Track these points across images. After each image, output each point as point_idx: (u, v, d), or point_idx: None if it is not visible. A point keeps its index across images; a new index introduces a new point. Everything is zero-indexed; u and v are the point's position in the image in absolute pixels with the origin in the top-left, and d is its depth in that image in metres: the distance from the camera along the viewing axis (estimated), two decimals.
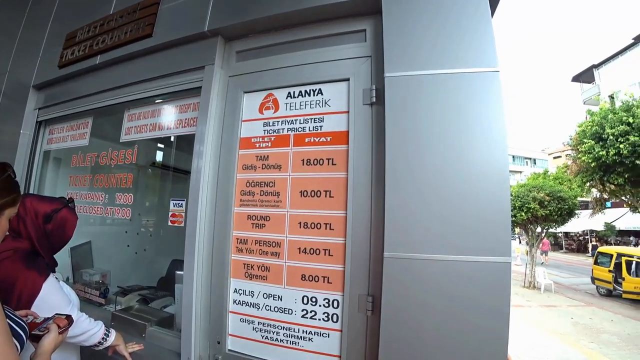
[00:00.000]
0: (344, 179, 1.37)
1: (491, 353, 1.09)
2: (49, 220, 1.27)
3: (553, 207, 10.46)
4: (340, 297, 1.34)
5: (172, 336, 1.62)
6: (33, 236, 1.25)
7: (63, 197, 1.39)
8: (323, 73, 1.50)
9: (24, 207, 1.25)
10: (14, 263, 1.17)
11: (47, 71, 2.44)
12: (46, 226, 1.27)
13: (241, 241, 1.53)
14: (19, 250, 1.21)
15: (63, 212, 1.32)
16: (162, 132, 1.91)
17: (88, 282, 2.13)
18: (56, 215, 1.29)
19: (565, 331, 7.02)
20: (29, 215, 1.25)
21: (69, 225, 1.35)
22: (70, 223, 1.36)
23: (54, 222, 1.29)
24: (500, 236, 1.12)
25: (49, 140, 2.55)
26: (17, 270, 1.15)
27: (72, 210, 1.38)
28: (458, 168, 1.18)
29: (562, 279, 13.50)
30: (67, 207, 1.36)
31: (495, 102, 1.19)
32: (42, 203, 1.29)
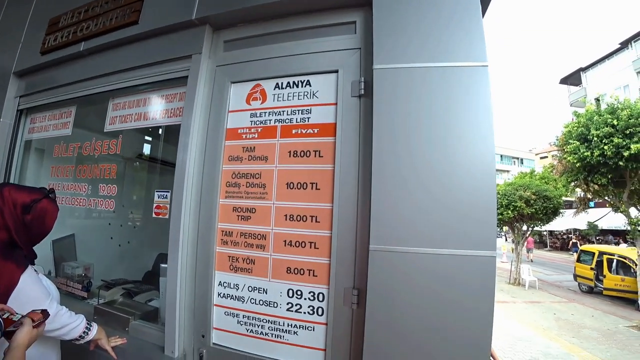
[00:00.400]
0: (330, 171, 1.37)
1: (475, 346, 1.10)
2: (28, 211, 1.23)
3: (539, 205, 10.72)
4: (325, 291, 1.33)
5: (156, 330, 1.60)
6: (11, 227, 1.20)
7: (44, 188, 1.34)
8: (312, 64, 1.48)
9: (2, 197, 1.20)
10: None
11: (29, 58, 2.35)
12: (25, 217, 1.22)
13: (226, 233, 1.51)
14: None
15: (43, 202, 1.27)
16: (147, 122, 1.86)
17: (70, 276, 2.08)
18: (36, 205, 1.24)
19: (547, 326, 7.21)
20: (7, 206, 1.20)
21: (49, 217, 1.30)
22: (50, 214, 1.31)
23: (34, 213, 1.24)
24: (485, 230, 1.13)
25: (31, 129, 2.47)
26: None
27: (52, 201, 1.33)
28: (445, 162, 1.18)
29: (546, 276, 13.86)
30: (48, 197, 1.31)
31: (484, 97, 1.20)
32: (21, 193, 1.24)
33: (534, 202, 10.76)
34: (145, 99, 1.89)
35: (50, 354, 1.29)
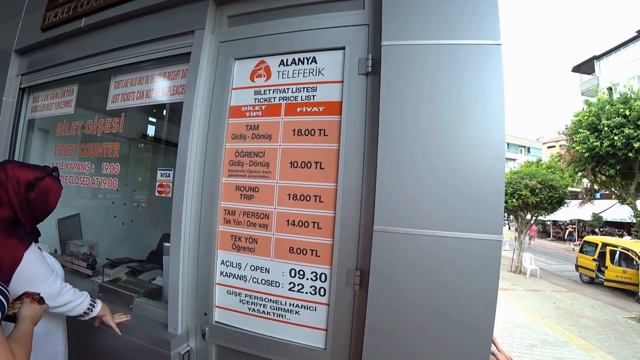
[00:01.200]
0: (335, 150, 1.34)
1: (478, 329, 1.09)
2: (31, 189, 1.22)
3: (544, 195, 10.62)
4: (328, 271, 1.33)
5: (159, 307, 1.61)
6: (15, 204, 1.20)
7: (47, 166, 1.33)
8: (318, 41, 1.43)
9: (6, 174, 1.20)
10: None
11: (30, 35, 2.31)
12: (29, 194, 1.22)
13: (229, 212, 1.50)
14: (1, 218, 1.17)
15: (46, 180, 1.27)
16: (149, 100, 1.83)
17: (76, 254, 2.10)
18: (39, 183, 1.24)
19: (547, 314, 7.27)
20: (11, 182, 1.19)
21: (53, 195, 1.30)
22: (53, 193, 1.30)
23: (37, 190, 1.24)
24: (492, 213, 1.11)
25: (33, 108, 2.45)
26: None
27: (56, 179, 1.33)
28: (453, 143, 1.15)
29: (548, 265, 13.90)
30: (51, 176, 1.30)
31: (495, 77, 1.15)
32: (24, 170, 1.24)
33: (539, 191, 10.64)
34: (147, 76, 1.86)
35: (56, 330, 1.31)
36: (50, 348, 1.28)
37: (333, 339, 1.30)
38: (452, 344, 1.11)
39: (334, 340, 1.30)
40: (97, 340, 1.58)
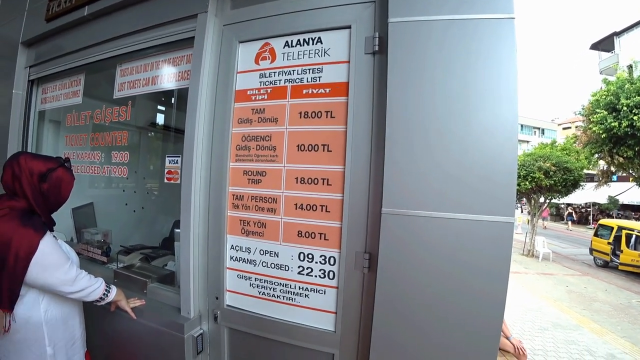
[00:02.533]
0: (342, 132, 1.31)
1: (488, 314, 1.08)
2: (44, 180, 1.25)
3: (558, 177, 10.37)
4: (336, 254, 1.32)
5: (172, 292, 1.65)
6: (29, 195, 1.23)
7: (59, 157, 1.35)
8: (323, 20, 1.38)
9: (19, 165, 1.22)
10: (10, 221, 1.16)
11: (35, 26, 2.31)
12: (42, 185, 1.25)
13: (237, 197, 1.51)
14: (15, 208, 1.20)
15: (59, 171, 1.29)
16: (155, 87, 1.82)
17: (90, 241, 2.16)
18: (52, 174, 1.27)
19: (559, 298, 7.21)
20: (24, 174, 1.22)
21: (65, 186, 1.33)
22: (66, 183, 1.33)
23: (50, 181, 1.26)
24: (504, 195, 1.08)
25: (43, 100, 2.48)
26: (13, 228, 1.15)
27: (68, 170, 1.35)
28: (464, 122, 1.11)
29: (561, 249, 13.72)
30: (63, 166, 1.33)
31: (508, 53, 1.10)
32: (36, 161, 1.26)
33: (553, 173, 10.39)
34: (152, 63, 1.84)
35: (73, 316, 1.36)
36: (68, 332, 1.33)
37: (342, 321, 1.31)
38: (462, 327, 1.10)
39: (343, 322, 1.31)
40: (114, 324, 1.64)
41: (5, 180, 1.24)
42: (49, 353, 1.24)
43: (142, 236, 2.50)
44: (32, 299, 1.23)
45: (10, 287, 1.12)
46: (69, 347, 1.33)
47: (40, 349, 1.23)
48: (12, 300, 1.13)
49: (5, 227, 1.15)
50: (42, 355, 1.23)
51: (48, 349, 1.24)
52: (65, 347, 1.31)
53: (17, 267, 1.13)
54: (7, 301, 1.12)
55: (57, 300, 1.28)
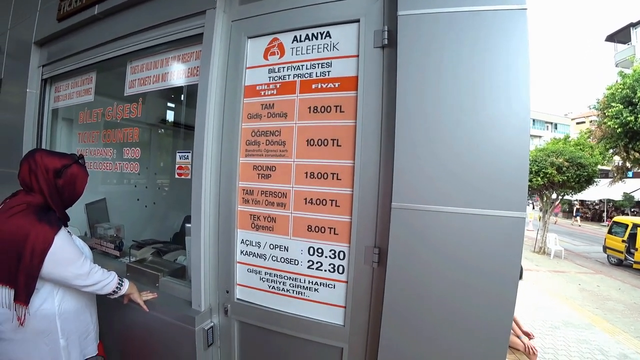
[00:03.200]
0: (352, 127, 1.31)
1: (498, 310, 1.07)
2: (59, 176, 1.28)
3: (571, 173, 10.14)
4: (346, 249, 1.33)
5: (184, 286, 1.67)
6: (45, 191, 1.26)
7: (74, 154, 1.39)
8: (331, 14, 1.37)
9: (35, 162, 1.26)
10: (26, 217, 1.19)
11: (47, 26, 2.36)
12: (57, 181, 1.28)
13: (247, 192, 1.52)
14: (31, 204, 1.23)
15: (73, 168, 1.33)
16: (165, 83, 1.84)
17: (103, 236, 2.20)
18: (66, 170, 1.30)
19: (571, 296, 7.10)
20: (40, 170, 1.25)
21: (80, 182, 1.36)
22: (80, 180, 1.36)
23: (65, 177, 1.30)
24: (516, 190, 1.06)
25: (56, 98, 2.53)
26: (29, 223, 1.18)
27: (82, 166, 1.39)
28: (474, 116, 1.09)
29: (574, 246, 13.48)
30: (78, 163, 1.36)
31: (520, 46, 1.07)
32: (51, 158, 1.29)
33: (566, 169, 10.16)
34: (162, 60, 1.86)
35: (85, 310, 1.39)
36: (81, 325, 1.36)
37: (351, 316, 1.31)
38: (472, 323, 1.09)
39: (353, 317, 1.31)
40: (127, 316, 1.67)
41: (22, 177, 1.27)
42: (62, 345, 1.28)
43: (153, 231, 2.54)
44: (46, 291, 1.26)
45: (27, 281, 1.15)
46: (82, 339, 1.36)
47: (53, 341, 1.26)
48: (28, 294, 1.16)
49: (23, 222, 1.18)
50: (55, 346, 1.26)
51: (61, 341, 1.27)
52: (78, 339, 1.34)
53: (33, 262, 1.15)
54: (24, 295, 1.15)
55: (71, 293, 1.31)
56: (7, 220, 1.19)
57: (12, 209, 1.21)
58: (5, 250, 1.16)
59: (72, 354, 1.31)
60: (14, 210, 1.20)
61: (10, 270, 1.16)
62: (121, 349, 1.73)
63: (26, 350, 1.22)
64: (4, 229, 1.18)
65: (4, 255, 1.16)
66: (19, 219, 1.19)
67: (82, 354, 1.36)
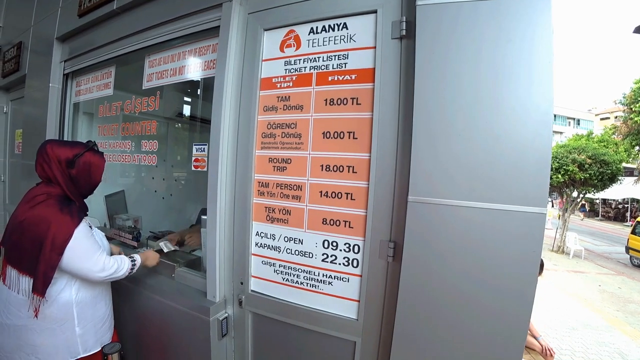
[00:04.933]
0: (369, 119, 1.29)
1: (516, 308, 1.04)
2: (72, 166, 1.29)
3: (594, 171, 9.78)
4: (361, 242, 1.32)
5: (199, 277, 1.70)
6: (61, 182, 1.29)
7: (89, 141, 1.39)
8: (349, 5, 1.35)
9: (47, 154, 1.27)
10: (49, 207, 1.23)
11: (69, 22, 2.41)
12: (70, 171, 1.29)
13: (262, 184, 1.52)
14: (52, 194, 1.26)
15: (86, 156, 1.33)
16: (182, 77, 1.86)
17: (122, 227, 2.26)
18: (79, 160, 1.31)
19: (590, 297, 6.89)
20: (53, 161, 1.27)
21: (95, 169, 1.36)
22: (95, 167, 1.36)
23: (77, 167, 1.30)
24: (536, 185, 1.02)
25: (77, 92, 2.59)
26: (52, 214, 1.21)
27: (96, 152, 1.38)
28: (495, 109, 1.06)
29: (594, 246, 13.05)
30: (91, 150, 1.36)
31: (543, 36, 1.02)
32: (63, 148, 1.30)
33: (588, 166, 9.81)
34: (179, 53, 1.88)
35: (100, 299, 1.44)
36: (98, 313, 1.40)
37: (365, 309, 1.31)
38: (488, 319, 1.07)
39: (366, 311, 1.31)
40: (143, 306, 1.72)
41: (38, 170, 1.30)
42: (78, 333, 1.31)
43: (170, 222, 2.59)
44: (64, 280, 1.29)
45: (45, 271, 1.18)
46: (98, 328, 1.40)
47: (70, 329, 1.29)
48: (45, 285, 1.18)
49: (46, 212, 1.22)
50: (72, 334, 1.30)
51: (77, 329, 1.31)
52: (94, 327, 1.38)
53: (52, 253, 1.18)
54: (41, 286, 1.17)
55: (88, 282, 1.35)
56: (30, 209, 1.23)
57: (35, 199, 1.25)
58: (29, 239, 1.20)
59: (88, 341, 1.35)
60: (36, 200, 1.24)
61: (32, 260, 1.19)
62: (137, 337, 1.78)
63: (43, 337, 1.25)
64: (28, 218, 1.22)
65: (27, 244, 1.20)
66: (41, 209, 1.22)
67: (98, 342, 1.39)
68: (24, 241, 1.21)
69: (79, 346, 1.32)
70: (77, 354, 1.31)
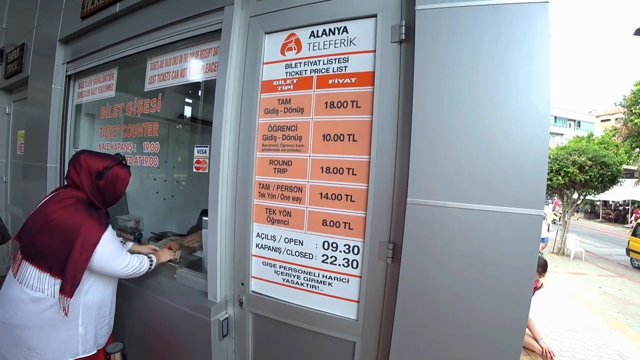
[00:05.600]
0: (368, 122, 1.30)
1: (513, 309, 1.05)
2: (100, 177, 1.37)
3: (594, 172, 9.76)
4: (360, 244, 1.33)
5: (200, 278, 1.71)
6: (88, 190, 1.36)
7: (118, 154, 1.47)
8: (349, 9, 1.37)
9: (79, 163, 1.36)
10: (78, 211, 1.30)
11: (71, 24, 2.43)
12: (98, 182, 1.37)
13: (263, 186, 1.54)
14: (80, 199, 1.34)
15: (115, 169, 1.41)
16: (184, 79, 1.88)
17: (123, 228, 2.27)
18: (107, 172, 1.38)
19: (590, 299, 6.87)
20: (84, 171, 1.36)
21: (120, 182, 1.44)
22: (121, 180, 1.44)
23: (105, 179, 1.38)
24: (533, 187, 1.03)
25: (79, 94, 2.61)
26: (81, 218, 1.28)
27: (124, 167, 1.46)
28: (493, 112, 1.07)
29: (595, 248, 13.02)
30: (120, 164, 1.44)
31: (541, 41, 1.04)
32: (94, 159, 1.38)
33: (589, 168, 9.80)
34: (181, 55, 1.89)
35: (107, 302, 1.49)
36: (100, 316, 1.45)
37: (365, 310, 1.32)
38: (486, 319, 1.08)
39: (366, 311, 1.32)
40: (145, 306, 1.74)
41: (71, 176, 1.37)
42: (81, 332, 1.35)
43: (171, 223, 2.60)
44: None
45: (74, 273, 1.24)
46: (98, 330, 1.44)
47: (73, 328, 1.33)
48: (73, 287, 1.25)
49: (75, 216, 1.28)
50: (74, 333, 1.33)
51: (80, 329, 1.35)
52: (95, 328, 1.42)
53: (81, 256, 1.25)
54: (69, 287, 1.24)
55: (97, 286, 1.40)
56: (60, 210, 1.29)
57: (64, 201, 1.32)
58: (57, 239, 1.26)
59: (89, 342, 1.39)
60: (65, 202, 1.31)
61: (56, 260, 1.25)
62: (138, 337, 1.80)
63: (45, 334, 1.28)
64: (57, 218, 1.28)
65: (54, 244, 1.26)
66: (71, 212, 1.29)
67: (96, 344, 1.43)
68: (51, 240, 1.27)
69: (79, 346, 1.35)
70: (76, 353, 1.34)
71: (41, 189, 2.49)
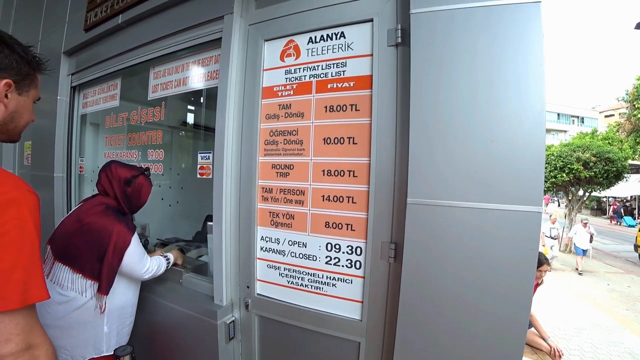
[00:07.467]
0: (367, 124, 1.33)
1: (514, 306, 1.06)
2: (129, 185, 1.50)
3: (599, 168, 9.68)
4: (363, 245, 1.35)
5: (206, 282, 1.74)
6: (118, 196, 1.48)
7: (141, 166, 1.60)
8: (345, 14, 1.40)
9: (111, 171, 1.49)
10: (108, 216, 1.40)
11: (75, 36, 2.48)
12: (127, 189, 1.49)
13: (266, 190, 1.56)
14: (109, 205, 1.45)
15: (140, 178, 1.54)
16: (186, 87, 1.91)
17: None
18: (135, 180, 1.51)
19: (598, 297, 6.81)
20: (115, 178, 1.48)
21: (144, 191, 1.57)
22: (145, 189, 1.57)
23: (133, 186, 1.51)
24: (531, 184, 1.05)
25: (84, 104, 2.66)
26: (112, 222, 1.38)
27: (147, 178, 1.59)
28: (489, 111, 1.09)
29: (603, 245, 12.88)
30: (144, 174, 1.56)
31: (535, 40, 1.05)
32: (124, 169, 1.52)
33: (593, 164, 9.72)
34: (183, 64, 1.93)
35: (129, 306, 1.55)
36: (122, 318, 1.50)
37: (368, 310, 1.34)
38: (488, 317, 1.09)
39: (370, 312, 1.33)
40: (152, 310, 1.76)
41: (102, 183, 1.49)
42: (105, 331, 1.42)
43: (177, 230, 2.64)
44: None
45: (109, 274, 1.35)
46: (120, 329, 1.50)
47: (98, 326, 1.41)
48: (108, 286, 1.36)
49: (106, 221, 1.38)
50: (100, 331, 1.41)
51: (105, 327, 1.42)
52: (117, 328, 1.48)
53: (114, 259, 1.36)
54: (105, 287, 1.35)
55: (120, 288, 1.47)
56: (93, 215, 1.40)
57: (95, 207, 1.43)
58: (89, 242, 1.36)
59: (112, 340, 1.45)
60: (96, 208, 1.42)
61: (88, 261, 1.35)
62: (147, 340, 1.82)
63: (76, 333, 1.37)
64: (90, 222, 1.38)
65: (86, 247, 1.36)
66: (102, 217, 1.39)
67: (118, 343, 1.48)
68: (84, 243, 1.36)
69: (104, 344, 1.42)
70: (100, 351, 1.41)
71: (49, 198, 2.54)
